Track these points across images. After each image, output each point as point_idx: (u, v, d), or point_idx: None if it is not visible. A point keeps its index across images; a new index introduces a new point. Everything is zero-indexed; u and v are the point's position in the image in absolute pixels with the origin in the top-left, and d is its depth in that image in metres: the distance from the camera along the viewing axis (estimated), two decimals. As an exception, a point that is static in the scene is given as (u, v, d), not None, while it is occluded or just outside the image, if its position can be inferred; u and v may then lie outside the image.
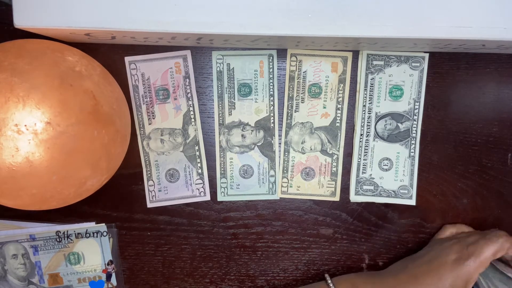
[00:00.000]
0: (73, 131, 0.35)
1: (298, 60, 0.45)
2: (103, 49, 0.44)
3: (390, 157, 0.46)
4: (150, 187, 0.46)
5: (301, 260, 0.48)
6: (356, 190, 0.46)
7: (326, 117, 0.46)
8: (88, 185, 0.38)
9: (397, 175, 0.46)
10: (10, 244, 0.46)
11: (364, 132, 0.46)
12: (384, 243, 0.47)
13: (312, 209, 0.47)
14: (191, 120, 0.45)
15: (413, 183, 0.46)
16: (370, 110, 0.45)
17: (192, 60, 0.45)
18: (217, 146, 0.46)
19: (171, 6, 0.35)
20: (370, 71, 0.45)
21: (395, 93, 0.45)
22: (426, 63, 0.45)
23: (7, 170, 0.34)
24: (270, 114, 0.46)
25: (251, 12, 0.36)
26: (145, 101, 0.45)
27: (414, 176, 0.46)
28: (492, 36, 0.36)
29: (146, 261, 0.47)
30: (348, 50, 0.45)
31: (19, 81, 0.33)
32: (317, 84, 0.45)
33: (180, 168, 0.46)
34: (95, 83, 0.37)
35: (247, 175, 0.46)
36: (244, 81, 0.45)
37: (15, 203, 0.37)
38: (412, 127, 0.45)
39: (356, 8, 0.36)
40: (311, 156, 0.46)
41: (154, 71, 0.44)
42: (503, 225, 0.47)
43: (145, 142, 0.46)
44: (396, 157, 0.46)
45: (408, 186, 0.46)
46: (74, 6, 0.35)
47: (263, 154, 0.46)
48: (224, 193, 0.46)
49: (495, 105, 0.46)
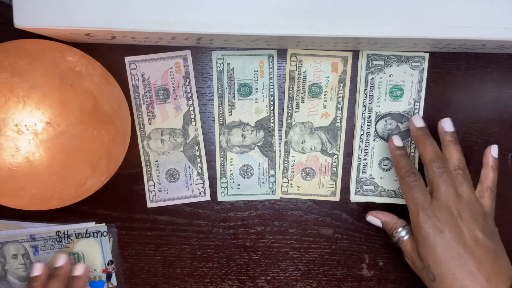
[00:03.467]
0: (73, 131, 0.35)
1: (298, 60, 0.45)
2: (103, 49, 0.44)
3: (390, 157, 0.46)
4: (150, 187, 0.46)
5: (301, 260, 0.48)
6: (356, 190, 0.46)
7: (326, 117, 0.46)
8: (88, 185, 0.38)
9: (397, 175, 0.46)
10: (10, 244, 0.46)
11: (364, 132, 0.46)
12: (384, 243, 0.47)
13: (312, 209, 0.47)
14: (191, 120, 0.45)
15: (413, 183, 0.46)
16: (370, 110, 0.45)
17: (192, 60, 0.45)
18: (217, 146, 0.46)
19: (171, 6, 0.35)
20: (370, 71, 0.45)
21: (395, 93, 0.45)
22: (426, 63, 0.45)
23: (7, 170, 0.34)
24: (270, 114, 0.46)
25: (251, 12, 0.36)
26: (145, 101, 0.45)
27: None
28: (492, 36, 0.36)
29: (146, 261, 0.47)
30: (348, 50, 0.45)
31: (19, 81, 0.33)
32: (317, 84, 0.45)
33: (180, 168, 0.46)
34: (95, 83, 0.37)
35: (247, 175, 0.46)
36: (244, 81, 0.45)
37: (15, 203, 0.37)
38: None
39: (356, 8, 0.36)
40: (311, 156, 0.46)
41: (154, 71, 0.45)
42: (503, 225, 0.47)
43: (145, 142, 0.46)
44: (396, 157, 0.46)
45: None
46: (74, 6, 0.35)
47: (263, 154, 0.46)
48: (224, 193, 0.46)
49: (495, 105, 0.46)
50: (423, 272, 0.39)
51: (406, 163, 0.40)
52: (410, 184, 0.39)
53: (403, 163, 0.40)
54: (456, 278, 0.37)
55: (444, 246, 0.37)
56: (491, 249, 0.38)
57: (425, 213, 0.38)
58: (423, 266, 0.39)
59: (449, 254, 0.37)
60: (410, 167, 0.40)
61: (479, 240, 0.37)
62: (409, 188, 0.39)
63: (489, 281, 0.36)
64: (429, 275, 0.38)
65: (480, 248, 0.37)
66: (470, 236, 0.37)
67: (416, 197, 0.39)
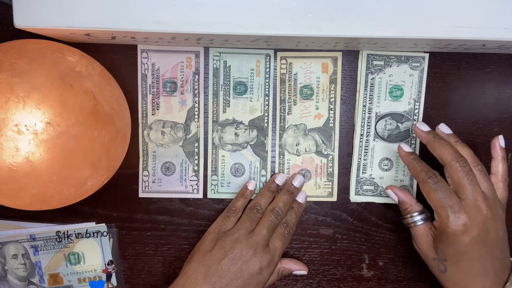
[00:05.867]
0: (73, 131, 0.35)
1: (288, 62, 0.45)
2: (103, 49, 0.44)
3: (390, 157, 0.46)
4: (144, 177, 0.46)
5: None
6: (356, 190, 0.46)
7: (319, 118, 0.46)
8: (88, 185, 0.38)
9: (397, 175, 0.46)
10: (10, 244, 0.46)
11: (364, 132, 0.46)
12: (384, 243, 0.47)
13: (312, 209, 0.47)
14: (195, 117, 0.45)
15: (413, 183, 0.46)
16: (370, 110, 0.45)
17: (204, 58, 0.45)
18: (210, 143, 0.46)
19: (171, 6, 0.35)
20: (370, 71, 0.45)
21: (395, 93, 0.45)
22: (426, 63, 0.45)
23: (7, 170, 0.34)
24: (264, 114, 0.46)
25: (251, 12, 0.36)
26: (152, 91, 0.45)
27: (414, 176, 0.46)
28: (492, 36, 0.36)
29: (146, 261, 0.47)
30: (338, 50, 0.45)
31: (19, 81, 0.33)
32: (308, 85, 0.45)
33: (177, 162, 0.46)
34: (95, 83, 0.37)
35: (238, 174, 0.46)
36: (240, 80, 0.45)
37: (15, 203, 0.37)
38: (412, 127, 0.45)
39: (356, 8, 0.36)
40: (306, 158, 0.46)
41: (165, 62, 0.45)
42: (503, 225, 0.47)
43: (145, 132, 0.46)
44: (396, 157, 0.46)
45: (408, 186, 0.46)
46: (74, 6, 0.35)
47: (256, 154, 0.46)
48: (214, 190, 0.46)
49: (495, 105, 0.46)
50: (434, 262, 0.39)
51: (423, 166, 0.39)
52: (433, 187, 0.38)
53: (419, 167, 0.39)
54: (470, 273, 0.37)
55: (469, 246, 0.37)
56: (504, 246, 0.38)
57: (455, 215, 0.37)
58: (437, 258, 0.39)
59: (472, 254, 0.37)
60: (428, 169, 0.39)
61: (499, 239, 0.38)
62: (433, 191, 0.38)
63: (497, 277, 0.37)
64: (441, 267, 0.39)
65: (498, 247, 0.38)
66: (494, 236, 0.38)
67: (443, 199, 0.37)
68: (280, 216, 0.43)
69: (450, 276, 0.38)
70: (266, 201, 0.44)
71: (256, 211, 0.43)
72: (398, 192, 0.43)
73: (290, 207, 0.44)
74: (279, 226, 0.43)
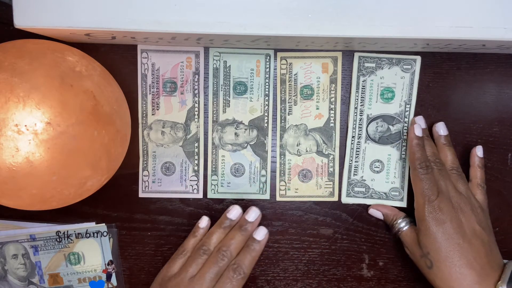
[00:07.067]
0: (73, 131, 0.35)
1: (288, 62, 0.45)
2: (103, 49, 0.44)
3: (382, 159, 0.46)
4: (144, 177, 0.46)
5: (301, 260, 0.48)
6: (348, 192, 0.46)
7: (320, 118, 0.46)
8: (88, 185, 0.38)
9: (388, 177, 0.46)
10: (10, 244, 0.46)
11: (355, 134, 0.46)
12: (384, 243, 0.47)
13: (312, 209, 0.47)
14: (195, 117, 0.45)
15: (404, 185, 0.46)
16: (361, 112, 0.45)
17: (204, 58, 0.45)
18: (210, 143, 0.46)
19: (171, 6, 0.35)
20: (361, 73, 0.45)
21: (387, 95, 0.45)
22: (417, 65, 0.45)
23: (7, 170, 0.34)
24: (264, 114, 0.46)
25: (251, 12, 0.36)
26: (152, 91, 0.45)
27: (406, 178, 0.46)
28: (492, 36, 0.36)
29: (147, 261, 0.47)
30: (338, 50, 0.45)
31: (19, 82, 0.33)
32: (308, 85, 0.45)
33: (177, 162, 0.46)
34: (95, 83, 0.37)
35: (238, 174, 0.46)
36: (240, 79, 0.45)
37: (15, 203, 0.37)
38: (403, 129, 0.46)
39: (356, 8, 0.36)
40: (307, 158, 0.46)
41: (165, 62, 0.45)
42: (503, 225, 0.47)
43: (145, 132, 0.46)
44: (387, 159, 0.46)
45: (399, 188, 0.46)
46: (74, 6, 0.35)
47: (256, 154, 0.46)
48: (214, 191, 0.46)
49: (495, 105, 0.46)
50: (421, 260, 0.41)
51: (421, 155, 0.42)
52: (421, 177, 0.41)
53: (418, 155, 0.42)
54: (454, 265, 0.39)
55: (445, 236, 0.39)
56: (486, 241, 0.40)
57: (430, 205, 0.40)
58: (422, 253, 0.41)
59: (450, 244, 0.39)
60: (425, 159, 0.42)
61: (477, 232, 0.40)
62: (419, 180, 0.41)
63: (484, 270, 0.39)
64: (427, 262, 0.40)
65: (477, 240, 0.40)
66: (469, 228, 0.40)
67: (425, 189, 0.40)
68: (228, 257, 0.39)
69: (437, 270, 0.40)
70: (216, 241, 0.40)
71: (202, 251, 0.39)
72: (380, 208, 0.46)
73: (243, 246, 0.40)
74: (227, 269, 0.38)
